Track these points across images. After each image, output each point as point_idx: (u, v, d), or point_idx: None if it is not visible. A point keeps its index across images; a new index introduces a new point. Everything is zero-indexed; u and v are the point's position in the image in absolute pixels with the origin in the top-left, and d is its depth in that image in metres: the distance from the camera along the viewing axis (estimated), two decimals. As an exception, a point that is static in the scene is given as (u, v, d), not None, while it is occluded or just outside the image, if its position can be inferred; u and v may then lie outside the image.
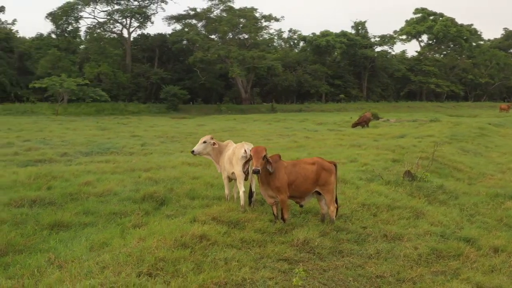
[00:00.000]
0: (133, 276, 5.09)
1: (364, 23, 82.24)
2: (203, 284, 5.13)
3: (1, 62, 59.47)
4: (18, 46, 64.01)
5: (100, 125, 31.07)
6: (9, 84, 58.23)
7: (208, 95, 72.25)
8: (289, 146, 19.03)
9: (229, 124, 34.60)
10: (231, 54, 58.93)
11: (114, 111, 53.94)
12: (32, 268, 5.54)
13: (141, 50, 71.08)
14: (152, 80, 63.81)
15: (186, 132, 25.52)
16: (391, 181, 10.68)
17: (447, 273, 6.44)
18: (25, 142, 19.76)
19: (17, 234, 7.01)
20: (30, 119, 37.40)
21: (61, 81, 46.84)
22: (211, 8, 67.28)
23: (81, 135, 23.07)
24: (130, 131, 26.13)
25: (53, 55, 56.12)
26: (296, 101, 76.58)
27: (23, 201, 8.88)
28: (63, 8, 61.10)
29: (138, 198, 9.29)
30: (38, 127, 28.83)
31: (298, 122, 37.04)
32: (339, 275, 6.18)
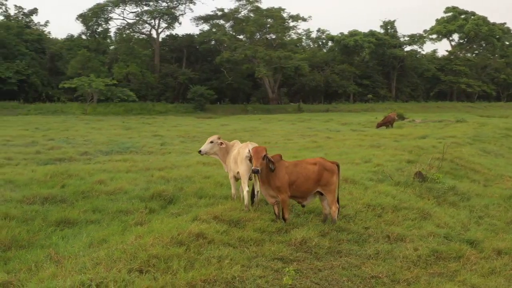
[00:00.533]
0: (123, 272, 5.21)
1: (393, 23, 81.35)
2: (192, 281, 5.22)
3: (33, 63, 60.82)
4: (50, 47, 65.37)
5: (125, 125, 31.55)
6: (40, 84, 59.52)
7: (236, 95, 72.55)
8: (308, 146, 19.03)
9: (253, 124, 34.70)
10: (258, 54, 59.05)
11: (142, 111, 54.63)
12: (30, 263, 5.72)
13: (169, 51, 71.80)
14: (180, 80, 64.36)
15: (208, 132, 25.63)
16: (401, 182, 10.61)
17: (445, 275, 6.41)
18: (49, 141, 20.23)
19: (23, 230, 7.24)
20: (58, 119, 38.23)
21: (90, 81, 47.71)
22: (238, 8, 67.53)
23: (104, 135, 23.50)
24: (153, 131, 26.48)
25: (83, 55, 57.13)
26: (324, 101, 76.30)
27: (35, 198, 9.13)
28: (93, 9, 62.17)
29: (147, 196, 9.47)
30: (65, 126, 29.45)
31: (322, 122, 36.92)
32: (333, 275, 6.20)
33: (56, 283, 4.83)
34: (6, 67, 57.52)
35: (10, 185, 10.45)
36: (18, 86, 58.55)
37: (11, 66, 57.68)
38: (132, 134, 24.66)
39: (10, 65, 57.81)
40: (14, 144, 18.84)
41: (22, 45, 61.71)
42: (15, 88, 58.27)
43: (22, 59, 59.25)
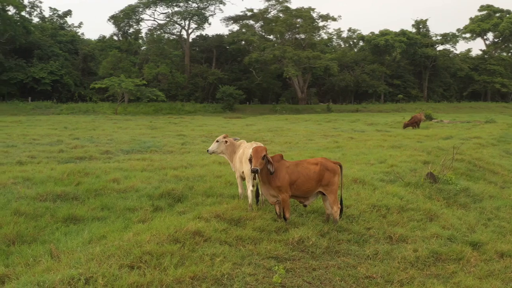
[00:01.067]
0: (114, 268, 5.35)
1: (425, 22, 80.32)
2: (180, 278, 5.32)
3: (67, 63, 62.22)
4: (83, 48, 66.70)
5: (151, 124, 31.98)
6: (73, 84, 60.84)
7: (265, 95, 72.74)
8: (328, 146, 19.01)
9: (278, 124, 34.75)
10: (286, 54, 59.05)
11: (171, 111, 55.27)
12: (28, 257, 5.93)
13: (199, 51, 72.43)
14: (209, 80, 64.87)
15: (232, 132, 25.85)
16: (411, 182, 10.53)
17: (441, 276, 6.37)
18: (74, 140, 20.69)
19: (31, 226, 7.49)
20: (88, 118, 39.00)
21: (120, 82, 48.52)
22: (268, 8, 67.67)
23: (128, 134, 23.90)
24: (177, 130, 26.80)
25: (114, 56, 58.17)
26: (354, 102, 75.84)
27: (48, 195, 9.39)
28: (124, 11, 63.17)
29: (156, 195, 9.63)
30: (93, 125, 30.05)
31: (349, 122, 36.73)
32: (327, 274, 6.22)
33: (47, 277, 5.00)
34: (41, 67, 59.05)
35: (28, 182, 10.75)
36: (52, 86, 60.06)
37: (45, 67, 59.20)
38: (156, 133, 25.01)
39: (45, 66, 59.33)
40: (40, 143, 19.35)
41: (56, 46, 63.23)
42: (49, 88, 59.80)
43: (55, 60, 60.75)
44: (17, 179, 11.00)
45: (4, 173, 11.72)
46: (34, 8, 64.90)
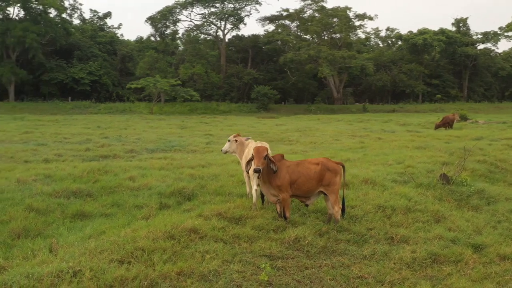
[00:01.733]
0: (104, 262, 5.54)
1: (465, 20, 78.62)
2: (166, 273, 5.46)
3: (105, 64, 63.66)
4: (121, 49, 68.07)
5: (183, 124, 32.44)
6: (111, 84, 62.17)
7: (301, 95, 72.62)
8: (352, 146, 18.92)
9: (309, 124, 34.71)
10: (321, 54, 58.82)
11: (206, 110, 55.85)
12: (28, 251, 6.19)
13: (235, 51, 72.89)
14: (245, 80, 65.20)
15: (259, 132, 26.02)
16: (423, 184, 10.41)
17: (435, 278, 6.32)
18: (103, 139, 21.22)
19: (40, 221, 7.78)
20: (123, 118, 39.82)
21: (155, 82, 49.34)
22: (303, 8, 67.58)
23: (157, 133, 24.34)
24: (206, 130, 27.11)
25: (151, 57, 59.18)
26: (391, 102, 74.89)
27: (64, 192, 9.71)
28: (161, 12, 64.13)
29: (167, 193, 9.83)
30: (126, 125, 30.70)
31: (381, 122, 36.36)
32: (319, 274, 6.26)
33: (37, 269, 5.22)
34: (80, 68, 60.59)
35: (48, 179, 11.13)
36: (91, 86, 61.56)
37: (85, 67, 60.73)
38: (185, 133, 25.37)
39: (84, 67, 60.87)
40: (70, 142, 19.94)
41: (95, 47, 64.76)
42: (88, 89, 61.33)
43: (95, 61, 62.27)
44: (39, 176, 11.40)
45: (28, 170, 12.17)
46: (74, 10, 66.75)
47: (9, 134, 23.72)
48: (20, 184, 10.53)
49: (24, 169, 12.55)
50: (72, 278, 5.13)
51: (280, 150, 18.04)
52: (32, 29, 55.36)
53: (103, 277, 5.17)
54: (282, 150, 17.81)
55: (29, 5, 58.04)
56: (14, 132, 24.40)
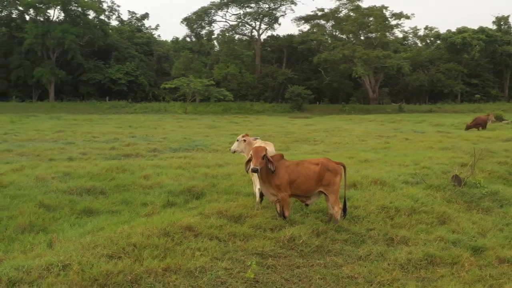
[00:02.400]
0: (93, 256, 5.74)
1: (506, 18, 76.62)
2: (152, 268, 5.62)
3: (142, 64, 64.81)
4: (157, 49, 69.17)
5: (213, 124, 32.79)
6: (147, 84, 63.21)
7: (336, 95, 72.21)
8: (375, 147, 18.77)
9: (339, 124, 34.55)
10: (356, 54, 58.33)
11: (240, 110, 56.15)
12: (27, 244, 6.46)
13: (270, 51, 73.06)
14: (279, 80, 65.27)
15: (286, 132, 26.09)
16: (433, 185, 10.30)
17: (426, 280, 6.29)
18: (131, 138, 21.67)
19: (48, 216, 8.08)
20: (156, 117, 40.47)
21: (188, 82, 49.95)
22: (339, 7, 67.19)
23: (185, 133, 24.72)
24: (234, 130, 27.31)
25: (186, 57, 59.95)
26: (428, 102, 73.63)
27: (78, 189, 10.02)
28: (197, 13, 64.84)
29: (177, 191, 10.00)
30: (157, 124, 31.23)
31: (413, 123, 35.84)
32: (309, 273, 6.31)
33: (28, 262, 5.46)
34: (117, 68, 61.88)
35: (66, 177, 11.47)
36: (128, 87, 62.78)
37: (122, 68, 61.98)
38: (212, 132, 25.65)
39: (121, 67, 62.13)
40: (98, 140, 20.44)
41: (132, 48, 66.00)
42: (125, 89, 62.58)
43: (131, 61, 63.43)
44: (58, 173, 11.76)
45: (50, 168, 12.56)
46: (112, 12, 68.19)
47: (42, 133, 24.49)
48: (39, 181, 10.88)
49: (47, 166, 12.95)
50: (60, 271, 5.34)
51: (302, 150, 18.10)
52: (71, 31, 56.87)
53: (90, 271, 5.36)
54: (304, 150, 17.89)
55: (68, 7, 59.62)
56: (47, 131, 25.17)
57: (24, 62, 58.87)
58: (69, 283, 5.12)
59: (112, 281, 5.28)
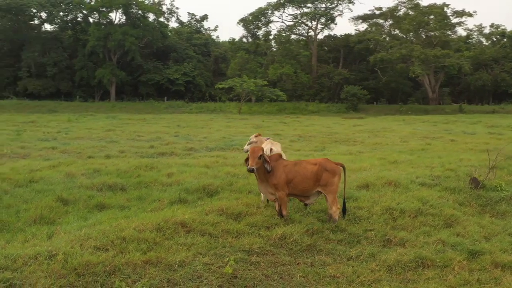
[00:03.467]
0: (81, 248, 6.09)
1: None
2: (132, 261, 5.88)
3: (199, 65, 66.11)
4: (214, 50, 70.29)
5: (260, 124, 33.09)
6: (204, 85, 64.38)
7: (394, 95, 70.85)
8: (413, 148, 18.51)
9: (388, 124, 33.99)
10: (413, 53, 56.99)
11: (294, 110, 56.18)
12: (28, 235, 6.91)
13: (327, 51, 72.63)
14: (335, 80, 64.80)
15: (329, 132, 26.00)
16: (449, 187, 10.10)
17: (411, 281, 6.23)
18: (174, 137, 22.28)
19: (61, 210, 8.56)
20: (207, 117, 41.22)
21: (242, 82, 50.46)
22: (397, 6, 65.88)
23: (228, 132, 25.14)
24: (278, 130, 27.51)
25: (241, 58, 60.56)
26: (492, 102, 70.90)
27: (100, 185, 10.52)
28: (253, 13, 65.38)
29: (192, 189, 10.27)
30: (205, 124, 31.87)
31: (467, 124, 34.73)
32: (292, 271, 6.40)
33: (17, 251, 5.88)
34: (175, 69, 63.41)
35: (95, 173, 12.04)
36: (185, 87, 64.21)
37: (180, 69, 63.49)
38: (255, 132, 25.84)
39: (179, 68, 63.65)
40: (141, 139, 21.14)
41: (190, 49, 67.43)
42: (182, 89, 64.02)
43: (189, 62, 64.77)
44: (89, 170, 12.36)
45: (85, 165, 13.21)
46: (171, 14, 69.74)
47: (93, 131, 25.57)
48: (68, 177, 11.49)
49: (82, 163, 13.60)
50: (45, 261, 5.71)
51: (336, 150, 18.07)
52: (131, 33, 58.77)
53: (71, 261, 5.70)
54: (338, 151, 17.85)
55: (129, 10, 61.62)
56: (98, 130, 26.25)
57: (87, 64, 61.39)
58: (49, 271, 5.46)
59: (90, 271, 5.59)
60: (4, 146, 17.69)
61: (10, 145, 17.96)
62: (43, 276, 5.34)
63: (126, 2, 59.45)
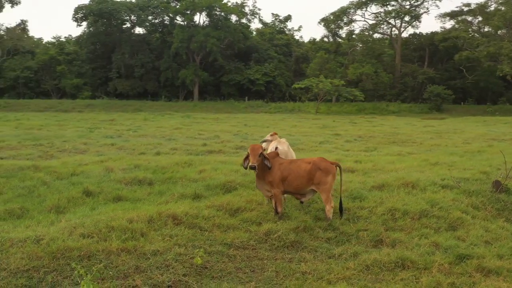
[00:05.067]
0: (68, 234, 6.66)
1: None
2: (109, 248, 6.34)
3: (280, 65, 66.68)
4: (296, 50, 70.56)
5: (328, 124, 32.99)
6: (284, 85, 64.78)
7: (483, 94, 67.41)
8: (470, 150, 17.82)
9: (463, 126, 32.66)
10: (502, 51, 54.01)
11: (374, 110, 55.24)
12: (34, 222, 7.61)
13: (412, 50, 70.52)
14: (419, 80, 62.85)
15: (393, 133, 25.51)
16: (469, 190, 9.77)
17: (384, 281, 6.21)
18: (233, 135, 22.89)
19: (84, 202, 9.25)
20: (279, 116, 41.90)
21: (318, 82, 50.33)
22: (487, 2, 62.72)
23: (289, 132, 25.44)
24: (343, 130, 27.42)
25: (321, 57, 60.35)
26: None
27: (130, 180, 11.11)
28: (335, 13, 64.93)
29: (213, 185, 10.62)
30: (271, 123, 32.40)
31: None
32: (266, 265, 6.61)
33: (11, 235, 6.56)
34: (256, 69, 64.41)
35: (134, 169, 12.65)
36: (265, 87, 64.96)
37: (260, 69, 64.42)
38: (317, 132, 25.95)
39: (260, 68, 64.58)
40: (200, 137, 21.94)
41: (272, 49, 68.13)
42: (263, 89, 64.83)
43: (270, 62, 65.51)
44: (130, 166, 13.08)
45: (131, 161, 13.94)
46: (254, 15, 70.68)
47: (162, 129, 26.79)
48: (107, 171, 12.25)
49: (129, 159, 14.34)
50: (30, 244, 6.33)
51: (386, 151, 17.86)
52: (213, 35, 60.44)
53: (52, 245, 6.28)
54: (387, 151, 17.64)
55: (213, 12, 63.37)
56: (167, 128, 27.43)
57: (171, 65, 63.87)
58: (28, 253, 6.07)
59: (66, 255, 6.14)
60: (69, 142, 19.04)
61: (75, 142, 19.29)
62: (20, 257, 5.95)
63: (209, 4, 61.16)
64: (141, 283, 5.75)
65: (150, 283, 5.80)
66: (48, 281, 5.61)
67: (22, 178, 11.30)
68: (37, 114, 43.72)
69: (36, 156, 15.61)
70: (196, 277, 6.15)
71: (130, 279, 5.83)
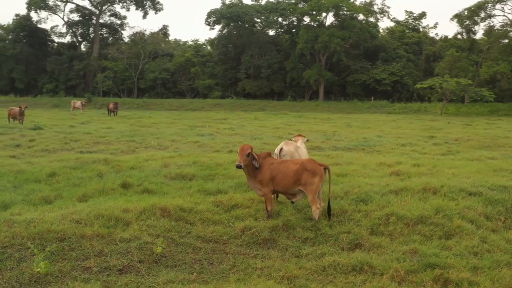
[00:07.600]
0: (61, 219, 7.60)
1: None
2: (85, 233, 7.16)
3: (409, 64, 64.53)
4: (427, 49, 67.72)
5: (438, 125, 31.62)
6: (412, 84, 62.44)
7: None
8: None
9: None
10: None
11: (509, 112, 51.28)
12: (46, 206, 8.75)
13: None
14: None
15: (495, 137, 23.81)
16: (491, 198, 9.18)
17: (330, 283, 6.27)
18: (323, 135, 23.14)
19: (109, 192, 10.30)
20: (393, 117, 40.94)
21: (442, 81, 47.96)
22: None
23: (381, 133, 24.89)
24: (445, 131, 26.35)
25: (451, 56, 57.32)
26: None
27: (176, 175, 11.89)
28: (470, 8, 61.18)
29: (243, 183, 11.05)
30: (375, 125, 31.91)
31: None
32: (225, 259, 6.97)
33: (11, 216, 7.71)
34: (382, 69, 63.17)
35: (191, 165, 13.35)
36: (392, 87, 63.36)
37: (387, 68, 63.06)
38: (412, 133, 25.15)
39: (386, 68, 63.23)
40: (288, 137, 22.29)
41: (401, 48, 66.17)
42: (389, 89, 63.29)
43: (398, 61, 63.73)
44: (188, 162, 13.88)
45: (196, 157, 14.74)
46: (383, 14, 69.18)
47: (262, 129, 27.78)
48: (162, 167, 13.25)
49: (194, 155, 15.16)
50: (22, 225, 7.40)
51: (465, 155, 17.07)
52: (337, 35, 60.31)
53: (39, 226, 7.30)
54: (465, 156, 16.93)
55: (339, 12, 63.23)
56: (267, 128, 28.30)
57: (297, 65, 64.86)
58: (14, 232, 7.12)
59: (44, 236, 7.09)
60: (160, 139, 20.56)
61: (166, 139, 20.76)
62: (4, 235, 7.02)
63: (336, 4, 61.09)
64: (93, 265, 6.49)
65: (102, 266, 6.51)
66: (16, 257, 6.58)
67: (84, 170, 12.71)
68: (164, 113, 47.15)
69: (119, 151, 17.12)
70: (151, 264, 6.72)
71: (87, 262, 6.59)
